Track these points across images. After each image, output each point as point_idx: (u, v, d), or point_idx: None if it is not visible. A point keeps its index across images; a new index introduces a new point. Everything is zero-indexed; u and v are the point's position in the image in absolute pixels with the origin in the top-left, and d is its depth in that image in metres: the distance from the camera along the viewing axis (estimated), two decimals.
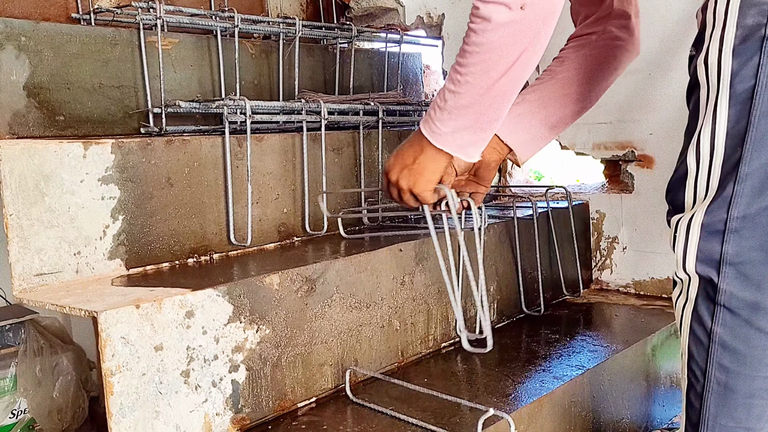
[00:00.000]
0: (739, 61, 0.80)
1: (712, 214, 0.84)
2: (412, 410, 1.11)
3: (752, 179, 0.81)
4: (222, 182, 1.32)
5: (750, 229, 0.82)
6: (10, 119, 1.30)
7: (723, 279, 0.84)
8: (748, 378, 0.86)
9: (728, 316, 0.85)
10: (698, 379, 0.89)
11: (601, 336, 1.46)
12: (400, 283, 1.32)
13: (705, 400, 0.89)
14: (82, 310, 0.95)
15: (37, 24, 1.34)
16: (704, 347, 0.87)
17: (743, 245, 0.82)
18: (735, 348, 0.85)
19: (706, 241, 0.85)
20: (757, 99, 0.79)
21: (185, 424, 1.00)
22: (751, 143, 0.80)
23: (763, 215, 0.82)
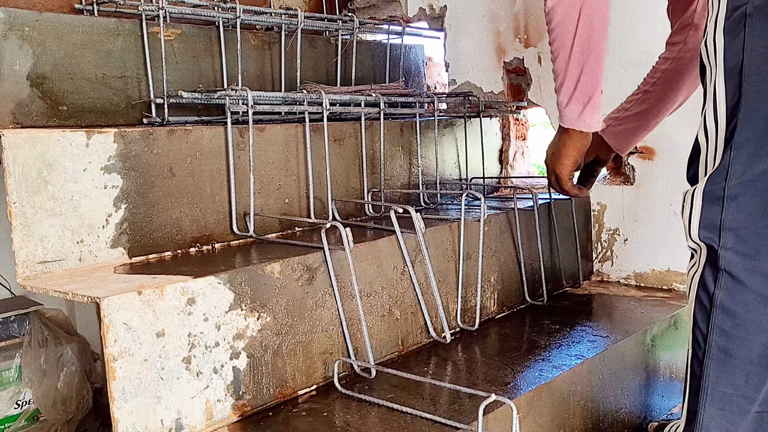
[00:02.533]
0: (728, 39, 0.85)
1: (712, 182, 0.88)
2: (411, 398, 1.12)
3: (747, 147, 0.84)
4: (224, 172, 1.32)
5: (746, 195, 0.85)
6: (13, 109, 1.31)
7: (723, 244, 0.87)
8: (747, 343, 0.87)
9: (729, 280, 0.87)
10: (700, 345, 0.91)
11: (601, 327, 1.46)
12: (400, 272, 1.33)
13: (705, 366, 0.90)
14: (84, 296, 0.96)
15: (41, 14, 1.35)
16: (707, 312, 0.89)
17: (741, 211, 0.85)
18: (734, 312, 0.87)
19: (707, 208, 0.88)
20: (745, 72, 0.84)
21: (186, 410, 1.01)
22: (743, 113, 0.84)
23: (758, 181, 0.85)
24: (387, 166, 1.64)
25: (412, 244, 1.35)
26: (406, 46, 2.05)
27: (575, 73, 1.20)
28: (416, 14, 2.18)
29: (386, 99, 1.59)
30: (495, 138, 2.03)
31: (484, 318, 1.51)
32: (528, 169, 2.13)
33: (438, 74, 2.32)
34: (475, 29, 2.06)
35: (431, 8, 2.15)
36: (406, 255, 1.33)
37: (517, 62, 1.99)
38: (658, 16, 1.50)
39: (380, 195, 1.60)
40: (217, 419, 1.05)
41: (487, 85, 2.06)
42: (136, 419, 0.96)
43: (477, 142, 1.87)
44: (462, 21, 2.09)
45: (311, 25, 1.76)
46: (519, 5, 1.96)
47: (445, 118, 1.83)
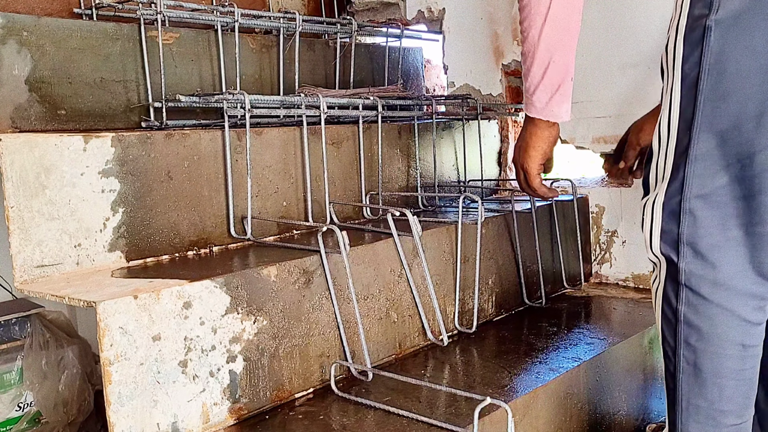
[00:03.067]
0: (687, 49, 0.85)
1: (670, 196, 0.88)
2: (408, 401, 1.12)
3: (702, 161, 0.85)
4: (222, 176, 1.33)
5: (704, 210, 0.85)
6: (12, 113, 1.32)
7: (682, 259, 0.87)
8: (715, 356, 0.88)
9: (690, 295, 0.87)
10: (671, 359, 0.92)
11: (598, 329, 1.46)
12: (398, 275, 1.33)
13: (678, 381, 0.91)
14: (81, 301, 0.96)
15: (39, 19, 1.36)
16: (673, 327, 0.90)
17: (699, 225, 0.86)
18: (699, 326, 0.88)
19: (666, 222, 0.88)
20: (701, 85, 0.84)
21: (183, 413, 1.02)
22: (698, 127, 0.84)
23: (715, 196, 0.85)
24: (385, 169, 1.64)
25: (409, 246, 1.35)
26: (405, 48, 2.05)
27: (544, 57, 1.10)
28: (415, 17, 2.18)
29: (384, 102, 1.59)
30: (493, 140, 2.03)
31: (481, 320, 1.51)
32: None
33: (437, 77, 2.32)
34: (474, 32, 2.06)
35: (430, 11, 2.15)
36: (404, 258, 1.33)
37: (515, 64, 1.99)
38: (655, 17, 1.50)
39: (378, 198, 1.60)
40: (213, 423, 1.05)
41: (485, 88, 2.06)
42: (132, 423, 0.96)
43: (475, 144, 1.87)
44: (460, 23, 2.09)
45: (309, 28, 1.77)
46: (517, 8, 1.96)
47: (443, 121, 1.83)
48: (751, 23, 0.80)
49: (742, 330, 0.87)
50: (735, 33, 0.81)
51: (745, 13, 0.81)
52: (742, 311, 0.87)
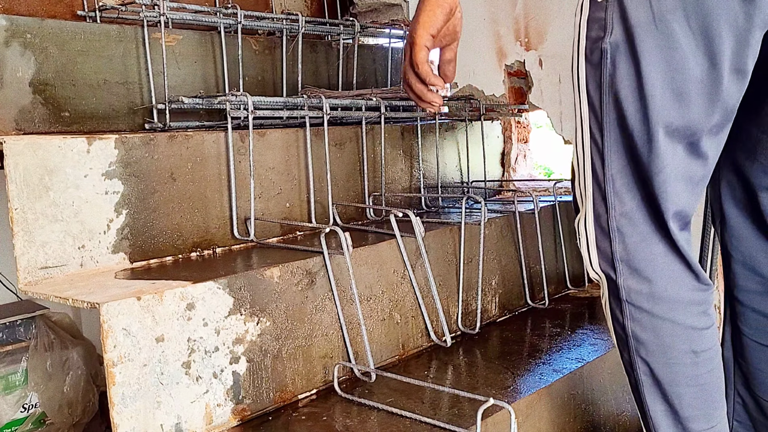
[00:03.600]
0: (590, 71, 0.85)
1: (597, 215, 0.88)
2: (411, 402, 1.12)
3: (618, 180, 0.86)
4: (225, 177, 1.33)
5: (627, 227, 0.86)
6: (16, 115, 1.32)
7: (620, 275, 0.88)
8: (667, 366, 0.88)
9: (633, 310, 0.88)
10: (630, 373, 0.92)
11: (602, 330, 1.46)
12: (401, 276, 1.33)
13: (641, 393, 0.92)
14: (84, 302, 0.96)
15: (43, 21, 1.36)
16: (624, 342, 0.90)
17: (626, 242, 0.86)
18: (646, 340, 0.88)
19: (599, 240, 0.89)
20: (604, 108, 0.84)
21: (186, 415, 1.02)
22: (608, 148, 0.85)
23: (632, 213, 0.86)
24: (388, 170, 1.64)
25: (412, 247, 1.35)
26: None
27: None
28: None
29: (387, 103, 1.59)
30: (497, 141, 2.03)
31: (485, 321, 1.51)
32: (530, 171, 2.12)
33: None
34: (476, 32, 2.06)
35: None
36: (407, 259, 1.33)
37: (518, 65, 1.99)
38: None
39: (381, 199, 1.60)
40: (216, 423, 1.05)
41: (488, 88, 2.06)
42: (135, 424, 0.96)
43: (478, 145, 1.87)
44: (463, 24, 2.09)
45: (312, 29, 1.77)
46: (519, 8, 1.96)
47: (446, 122, 1.83)
48: (641, 47, 0.81)
49: (689, 337, 0.87)
50: (625, 57, 0.82)
51: (635, 37, 0.81)
52: (685, 320, 0.87)
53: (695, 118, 0.82)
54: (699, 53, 0.80)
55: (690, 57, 0.80)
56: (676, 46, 0.80)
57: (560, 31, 1.88)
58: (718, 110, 0.82)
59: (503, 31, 2.00)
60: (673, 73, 0.80)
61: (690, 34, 0.79)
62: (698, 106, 0.82)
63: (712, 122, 0.83)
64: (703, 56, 0.80)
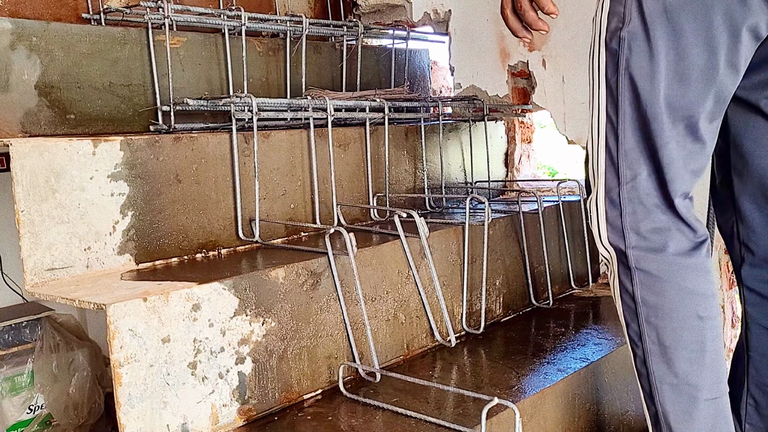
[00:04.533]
0: (609, 56, 0.96)
1: (608, 188, 0.97)
2: (416, 402, 1.12)
3: (630, 154, 0.95)
4: (230, 178, 1.34)
5: (637, 196, 0.95)
6: (22, 118, 1.33)
7: (629, 245, 0.95)
8: (675, 330, 0.94)
9: (642, 276, 0.95)
10: (638, 344, 0.97)
11: (606, 329, 1.46)
12: (405, 276, 1.34)
13: (648, 363, 0.96)
14: (91, 303, 0.97)
15: (48, 24, 1.37)
16: (634, 311, 0.96)
17: (635, 212, 0.94)
18: (655, 303, 0.94)
19: (610, 212, 0.97)
20: (621, 88, 0.94)
21: (192, 415, 1.02)
22: (623, 125, 0.95)
23: (641, 185, 0.94)
24: (392, 171, 1.64)
25: (416, 248, 1.35)
26: (411, 50, 2.06)
27: None
28: (421, 19, 2.19)
29: (391, 104, 1.59)
30: (500, 141, 2.03)
31: (489, 321, 1.51)
32: (534, 171, 2.13)
33: (443, 78, 2.32)
34: (480, 33, 2.06)
35: (436, 13, 2.15)
36: (411, 259, 1.34)
37: (521, 65, 1.99)
38: None
39: (385, 199, 1.61)
40: (222, 424, 1.06)
41: (492, 89, 2.06)
42: (142, 424, 0.97)
43: (482, 145, 1.87)
44: (467, 25, 2.09)
45: (316, 31, 1.78)
46: None
47: (450, 122, 1.84)
48: (654, 35, 0.91)
49: (693, 301, 0.94)
50: (640, 42, 0.92)
51: (649, 26, 0.92)
52: (688, 283, 0.94)
53: (692, 99, 0.92)
54: (700, 43, 0.90)
55: (693, 46, 0.90)
56: (682, 36, 0.90)
57: (564, 31, 1.88)
58: (712, 96, 0.92)
59: (507, 31, 2.00)
60: (678, 58, 0.91)
61: (694, 26, 0.89)
62: (696, 90, 0.92)
63: (706, 107, 0.93)
64: (703, 46, 0.90)
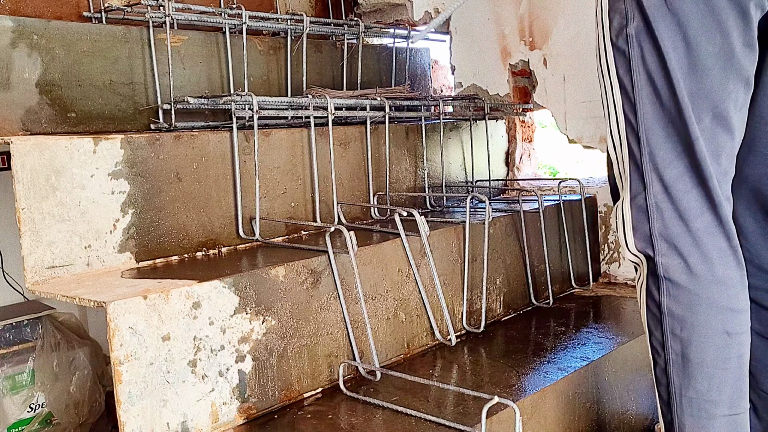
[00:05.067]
0: (618, 55, 0.92)
1: (635, 193, 0.93)
2: (416, 401, 1.12)
3: (656, 155, 0.91)
4: (230, 177, 1.34)
5: (665, 203, 0.91)
6: (23, 116, 1.33)
7: (658, 252, 0.91)
8: (700, 345, 0.90)
9: (671, 286, 0.91)
10: (659, 353, 0.94)
11: (607, 328, 1.46)
12: (405, 275, 1.33)
13: (669, 374, 0.93)
14: (91, 301, 0.97)
15: (49, 22, 1.37)
16: (658, 320, 0.93)
17: (665, 218, 0.90)
18: (682, 316, 0.90)
19: (637, 219, 0.93)
20: (636, 86, 0.91)
21: (192, 413, 1.02)
22: (643, 126, 0.91)
23: (673, 187, 0.90)
24: (392, 170, 1.64)
25: (416, 247, 1.35)
26: (412, 49, 2.06)
27: None
28: (422, 18, 2.19)
29: (391, 102, 1.59)
30: (501, 140, 2.03)
31: (489, 320, 1.51)
32: (534, 171, 2.12)
33: (444, 77, 2.32)
34: (481, 32, 2.06)
35: (437, 12, 2.15)
36: (411, 258, 1.34)
37: (522, 64, 1.99)
38: None
39: (386, 198, 1.61)
40: (222, 422, 1.06)
41: (493, 88, 2.06)
42: (142, 422, 0.97)
43: (483, 144, 1.87)
44: (467, 24, 2.09)
45: (317, 29, 1.77)
46: (524, 8, 1.96)
47: (450, 121, 1.83)
48: (658, 28, 0.88)
49: (724, 317, 0.89)
50: (647, 38, 0.89)
51: (651, 21, 0.89)
52: (722, 299, 0.89)
53: (714, 87, 0.88)
54: (710, 29, 0.87)
55: (701, 33, 0.87)
56: (688, 25, 0.87)
57: (565, 30, 1.88)
58: (734, 80, 0.88)
59: (508, 30, 2.01)
60: (688, 48, 0.88)
61: (699, 13, 0.86)
62: (716, 77, 0.88)
63: (730, 92, 0.88)
64: (713, 31, 0.87)
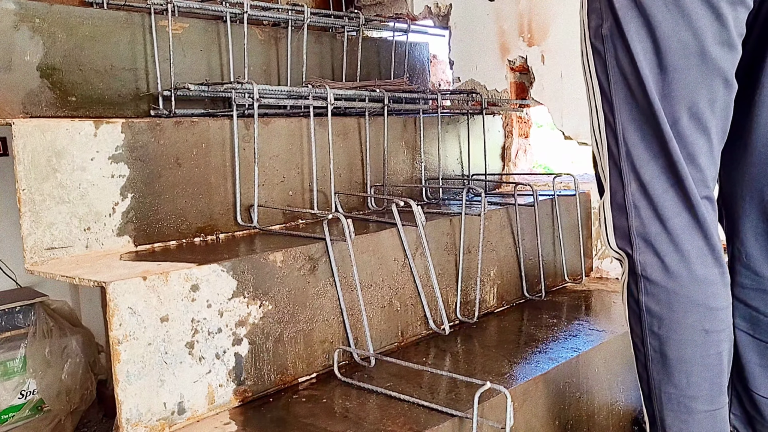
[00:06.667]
0: (596, 57, 0.92)
1: (614, 191, 0.93)
2: (409, 387, 1.14)
3: (633, 154, 0.91)
4: (229, 164, 1.35)
5: (644, 200, 0.91)
6: (23, 99, 1.34)
7: (636, 250, 0.91)
8: (678, 342, 0.91)
9: (648, 284, 0.91)
10: (640, 349, 0.95)
11: (598, 321, 1.48)
12: (401, 264, 1.35)
13: (649, 369, 0.94)
14: (91, 281, 0.98)
15: (51, 6, 1.37)
16: (638, 317, 0.93)
17: (642, 217, 0.90)
18: (660, 314, 0.91)
19: (616, 217, 0.93)
20: (613, 87, 0.91)
21: (189, 394, 1.04)
22: (620, 125, 0.91)
23: (650, 186, 0.90)
24: (390, 161, 1.66)
25: (412, 237, 1.36)
26: (411, 43, 2.07)
27: None
28: (422, 12, 2.20)
29: (390, 95, 1.60)
30: (498, 135, 2.04)
31: (483, 311, 1.53)
32: (530, 166, 2.14)
33: (443, 72, 2.34)
34: (480, 28, 2.08)
35: (437, 6, 2.17)
36: (407, 248, 1.35)
37: (520, 60, 2.01)
38: None
39: (383, 189, 1.62)
40: (218, 403, 1.07)
41: (491, 83, 2.08)
42: (139, 401, 0.98)
43: (479, 138, 1.89)
44: (467, 19, 2.11)
45: (317, 21, 1.78)
46: (523, 4, 1.98)
47: (448, 115, 1.85)
48: (628, 30, 0.88)
49: (702, 315, 0.90)
50: (619, 39, 0.89)
51: (621, 22, 0.88)
52: (700, 297, 0.89)
53: (687, 87, 0.88)
54: (681, 29, 0.86)
55: (672, 34, 0.87)
56: (657, 26, 0.87)
57: (563, 27, 1.90)
58: (708, 79, 0.88)
59: (507, 26, 2.02)
60: (656, 49, 0.87)
61: (669, 13, 0.86)
62: (688, 77, 0.88)
63: (704, 92, 0.88)
64: (685, 32, 0.86)
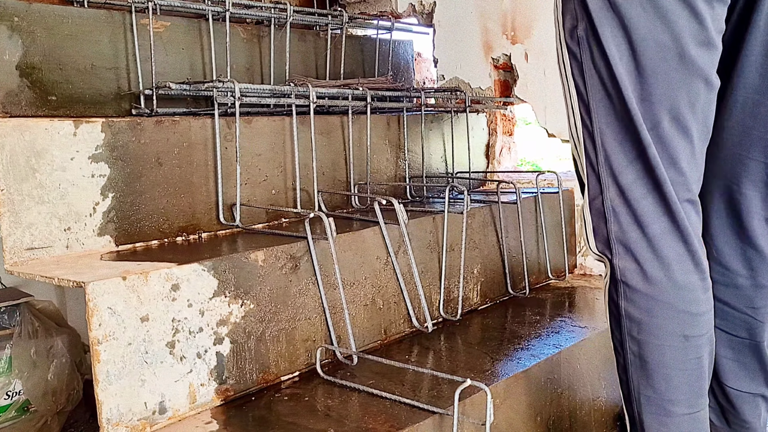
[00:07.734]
0: (572, 59, 0.91)
1: (593, 196, 0.92)
2: (392, 385, 1.14)
3: (612, 159, 0.89)
4: (211, 163, 1.34)
5: (621, 207, 0.89)
6: (2, 98, 1.33)
7: (616, 256, 0.90)
8: (657, 347, 0.90)
9: (627, 290, 0.90)
10: (620, 352, 0.95)
11: (581, 318, 1.49)
12: (384, 263, 1.35)
13: (629, 373, 0.94)
14: (70, 281, 0.98)
15: (30, 5, 1.37)
16: (617, 321, 0.93)
17: (621, 222, 0.89)
18: (639, 319, 0.90)
19: (596, 221, 0.92)
20: (590, 90, 0.89)
21: (170, 393, 1.03)
22: (597, 129, 0.90)
23: (628, 192, 0.89)
24: (373, 160, 1.66)
25: (395, 235, 1.37)
26: (396, 41, 2.07)
27: None
28: (406, 10, 2.20)
29: (374, 93, 1.61)
30: (482, 133, 2.05)
31: (466, 309, 1.54)
32: (515, 164, 2.15)
33: (427, 70, 2.34)
34: (464, 26, 2.08)
35: (421, 4, 2.17)
36: (390, 246, 1.35)
37: (504, 58, 2.01)
38: None
39: (366, 188, 1.62)
40: (200, 403, 1.07)
41: (475, 81, 2.08)
42: (120, 401, 0.98)
43: (463, 136, 1.89)
44: (451, 17, 2.11)
45: (301, 19, 1.78)
46: (507, 2, 1.98)
47: (432, 113, 1.85)
48: (603, 32, 0.86)
49: (682, 321, 0.89)
50: (594, 42, 0.87)
51: (596, 24, 0.86)
52: (680, 303, 0.89)
53: (667, 91, 0.86)
54: (658, 31, 0.84)
55: (649, 37, 0.84)
56: (633, 29, 0.85)
57: (546, 25, 1.91)
58: (688, 81, 0.86)
59: (490, 24, 2.03)
60: (633, 52, 0.85)
61: (645, 15, 0.84)
62: (667, 80, 0.85)
63: (684, 94, 0.86)
64: (662, 33, 0.84)
